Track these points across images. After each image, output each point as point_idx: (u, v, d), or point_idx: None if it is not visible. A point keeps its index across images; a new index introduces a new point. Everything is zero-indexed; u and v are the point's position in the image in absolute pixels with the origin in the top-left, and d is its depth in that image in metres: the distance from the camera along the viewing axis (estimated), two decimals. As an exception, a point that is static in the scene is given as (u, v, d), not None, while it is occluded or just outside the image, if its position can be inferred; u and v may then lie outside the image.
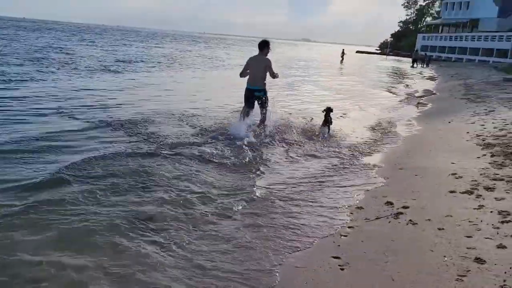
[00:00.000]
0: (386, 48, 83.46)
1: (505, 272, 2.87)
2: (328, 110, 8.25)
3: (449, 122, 9.72)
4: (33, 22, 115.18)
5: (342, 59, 44.48)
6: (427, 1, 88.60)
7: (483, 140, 7.18)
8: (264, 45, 7.97)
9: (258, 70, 7.86)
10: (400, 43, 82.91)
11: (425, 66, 42.44)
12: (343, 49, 48.09)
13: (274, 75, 7.89)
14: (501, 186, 4.69)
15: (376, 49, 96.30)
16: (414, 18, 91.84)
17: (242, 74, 8.05)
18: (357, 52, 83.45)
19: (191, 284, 2.99)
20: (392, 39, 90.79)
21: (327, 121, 8.22)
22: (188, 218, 4.05)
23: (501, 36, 45.02)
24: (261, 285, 3.00)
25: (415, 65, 42.43)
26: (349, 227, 3.95)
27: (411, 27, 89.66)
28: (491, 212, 3.94)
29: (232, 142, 7.07)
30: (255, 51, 8.24)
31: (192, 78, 18.50)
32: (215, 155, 6.19)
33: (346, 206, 4.52)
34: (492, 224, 3.66)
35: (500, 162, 5.70)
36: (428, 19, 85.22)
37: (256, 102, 8.03)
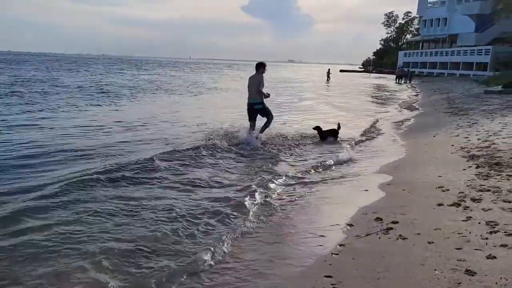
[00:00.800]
0: (369, 66, 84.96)
1: (496, 283, 2.88)
2: (318, 128, 9.85)
3: (434, 136, 9.86)
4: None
5: (328, 78, 45.31)
6: (406, 19, 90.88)
7: (468, 152, 7.29)
8: (259, 66, 9.50)
9: (253, 86, 9.27)
10: (382, 61, 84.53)
11: (408, 81, 43.28)
12: (329, 69, 49.06)
13: (262, 92, 9.23)
14: (487, 197, 4.74)
15: (360, 67, 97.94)
16: (394, 36, 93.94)
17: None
18: (341, 71, 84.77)
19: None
20: (374, 57, 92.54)
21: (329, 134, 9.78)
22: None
23: (479, 50, 46.21)
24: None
25: (398, 81, 43.35)
26: (340, 245, 3.93)
27: (392, 45, 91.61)
28: (479, 223, 3.97)
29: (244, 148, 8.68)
30: (240, 74, 8.62)
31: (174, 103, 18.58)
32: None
33: (336, 224, 4.52)
34: (481, 235, 3.68)
35: (485, 173, 5.78)
36: (408, 36, 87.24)
37: (259, 115, 9.52)
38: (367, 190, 5.73)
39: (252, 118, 9.51)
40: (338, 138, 9.94)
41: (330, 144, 9.68)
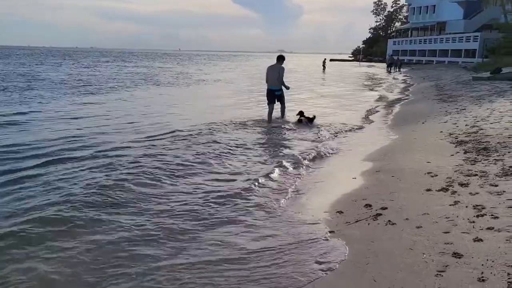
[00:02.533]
0: (358, 55, 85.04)
1: (482, 265, 2.93)
2: (300, 113, 10.79)
3: (423, 123, 9.94)
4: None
5: (324, 68, 45.41)
6: (394, 7, 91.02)
7: (456, 138, 7.37)
8: (280, 58, 10.87)
9: (274, 75, 10.67)
10: (371, 49, 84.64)
11: (398, 69, 43.46)
12: (325, 59, 49.23)
13: (284, 85, 10.80)
14: (475, 181, 4.81)
15: (350, 56, 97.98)
16: (383, 24, 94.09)
17: (266, 80, 10.89)
18: (331, 60, 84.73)
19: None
20: (364, 45, 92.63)
21: (301, 119, 10.72)
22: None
23: (468, 37, 46.45)
24: None
25: (389, 69, 43.55)
26: (330, 232, 3.98)
27: (381, 33, 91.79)
28: (467, 207, 4.03)
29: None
30: (229, 65, 8.65)
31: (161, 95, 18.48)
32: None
33: (326, 211, 4.56)
34: (468, 219, 3.74)
35: (472, 158, 5.85)
36: (397, 24, 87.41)
37: (276, 100, 10.90)
38: (355, 178, 5.77)
39: (271, 102, 10.88)
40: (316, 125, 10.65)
41: (315, 131, 9.93)
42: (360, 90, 22.55)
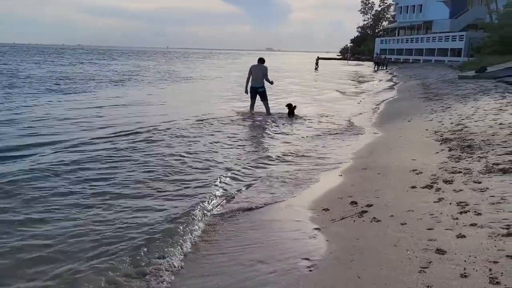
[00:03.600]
0: (347, 53, 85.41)
1: (465, 261, 2.95)
2: (289, 105, 11.77)
3: (409, 121, 10.02)
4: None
5: (317, 66, 45.76)
6: (382, 6, 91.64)
7: (441, 136, 7.43)
8: (261, 60, 11.88)
9: (258, 73, 11.65)
10: (359, 48, 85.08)
11: (385, 68, 43.83)
12: (318, 57, 49.49)
13: (269, 80, 11.84)
14: (459, 178, 4.85)
15: (338, 55, 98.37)
16: (371, 23, 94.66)
17: (247, 79, 11.81)
18: (319, 58, 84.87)
19: None
20: (352, 44, 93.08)
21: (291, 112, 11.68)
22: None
23: (454, 36, 46.96)
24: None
25: (376, 68, 43.95)
26: (315, 229, 3.98)
27: (369, 32, 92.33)
28: (450, 204, 4.06)
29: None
30: (216, 63, 8.66)
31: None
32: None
33: (312, 208, 4.56)
34: (452, 215, 3.77)
35: (457, 155, 5.90)
36: (385, 23, 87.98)
37: (258, 97, 11.84)
38: (341, 175, 5.78)
39: (253, 97, 11.90)
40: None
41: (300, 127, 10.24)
42: (346, 88, 22.66)
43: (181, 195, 5.12)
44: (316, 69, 44.79)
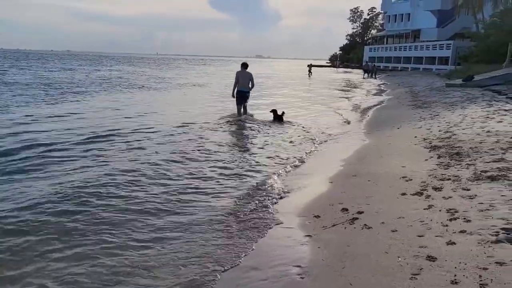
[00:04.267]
0: (336, 61, 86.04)
1: (455, 267, 2.98)
2: (274, 111, 12.35)
3: (398, 128, 10.11)
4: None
5: (310, 73, 46.09)
6: (371, 14, 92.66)
7: (430, 143, 7.51)
8: (245, 65, 12.61)
9: (245, 80, 12.38)
10: (348, 55, 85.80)
11: (373, 76, 44.25)
12: (311, 64, 49.81)
13: (253, 85, 12.54)
14: (448, 185, 4.90)
15: (327, 62, 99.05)
16: (360, 31, 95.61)
17: (235, 84, 12.41)
18: (312, 66, 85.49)
19: None
20: (341, 52, 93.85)
21: (277, 117, 12.20)
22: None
23: (441, 45, 47.62)
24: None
25: (365, 75, 44.41)
26: (306, 236, 3.99)
27: (358, 40, 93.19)
28: (440, 211, 4.10)
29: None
30: (202, 70, 8.72)
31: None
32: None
33: (303, 216, 4.57)
34: (441, 222, 3.80)
35: (446, 163, 5.97)
36: (373, 31, 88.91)
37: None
38: (332, 182, 5.81)
39: (240, 103, 12.58)
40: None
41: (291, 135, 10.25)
42: (335, 96, 22.81)
43: (173, 209, 5.10)
44: (309, 76, 45.14)
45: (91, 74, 35.05)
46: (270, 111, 12.45)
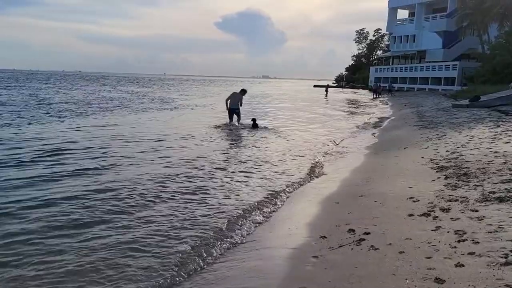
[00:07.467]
0: (342, 81, 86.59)
1: (464, 290, 2.94)
2: (254, 119, 15.49)
3: (405, 149, 10.07)
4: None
5: (326, 93, 46.96)
6: (376, 36, 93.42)
7: (437, 164, 7.47)
8: (243, 91, 16.26)
9: (236, 100, 15.77)
10: (354, 76, 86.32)
11: (379, 96, 44.46)
12: (328, 84, 50.66)
13: (241, 104, 15.94)
14: (456, 206, 4.86)
15: (333, 83, 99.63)
16: (365, 52, 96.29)
17: (227, 99, 15.84)
18: (315, 86, 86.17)
19: None
20: (347, 72, 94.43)
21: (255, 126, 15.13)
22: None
23: (447, 66, 47.83)
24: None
25: (374, 96, 44.83)
26: (313, 257, 3.95)
27: (363, 60, 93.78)
28: (448, 232, 4.06)
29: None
30: (212, 90, 8.80)
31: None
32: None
33: (309, 236, 4.54)
34: (450, 244, 3.76)
35: (453, 183, 5.93)
36: (379, 52, 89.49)
37: (234, 115, 15.87)
38: (338, 203, 5.78)
39: (231, 117, 15.85)
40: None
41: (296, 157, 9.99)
42: (342, 116, 22.88)
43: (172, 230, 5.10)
44: (326, 96, 46.00)
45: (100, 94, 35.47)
46: (251, 120, 15.51)
